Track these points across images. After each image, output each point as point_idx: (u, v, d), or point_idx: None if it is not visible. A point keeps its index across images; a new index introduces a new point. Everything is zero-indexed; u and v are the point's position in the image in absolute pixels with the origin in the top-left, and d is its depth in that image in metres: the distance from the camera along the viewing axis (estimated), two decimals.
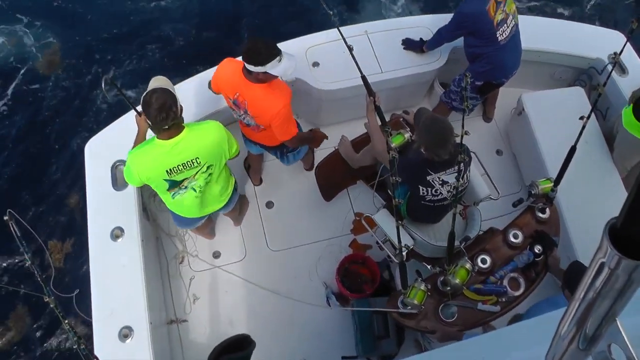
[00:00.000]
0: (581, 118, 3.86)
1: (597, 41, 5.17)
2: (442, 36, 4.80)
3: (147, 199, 4.71)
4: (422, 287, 3.68)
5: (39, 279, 2.39)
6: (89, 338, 3.97)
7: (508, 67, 4.72)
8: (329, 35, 5.02)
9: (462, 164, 3.74)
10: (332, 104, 4.72)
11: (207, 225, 4.66)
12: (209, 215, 4.30)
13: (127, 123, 4.64)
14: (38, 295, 2.42)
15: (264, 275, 4.82)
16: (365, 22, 5.33)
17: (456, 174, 3.85)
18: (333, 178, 4.95)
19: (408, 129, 4.36)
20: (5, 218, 2.53)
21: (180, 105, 3.55)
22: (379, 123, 4.18)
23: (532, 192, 4.09)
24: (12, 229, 2.50)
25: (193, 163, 3.68)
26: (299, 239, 5.00)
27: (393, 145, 4.18)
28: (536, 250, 4.01)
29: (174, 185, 3.78)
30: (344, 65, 4.77)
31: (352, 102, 4.67)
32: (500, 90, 5.37)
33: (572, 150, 3.90)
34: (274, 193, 5.21)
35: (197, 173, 3.75)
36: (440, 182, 3.88)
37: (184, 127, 3.61)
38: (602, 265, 1.11)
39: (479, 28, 4.49)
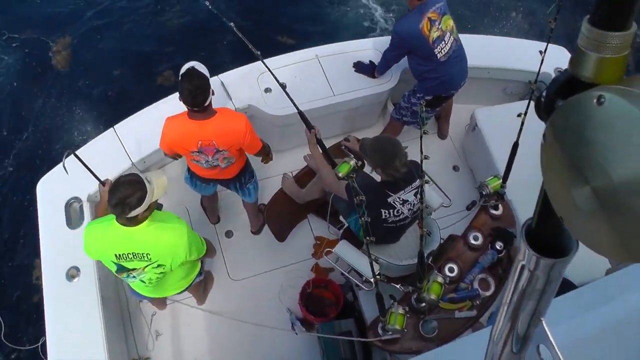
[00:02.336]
0: (519, 115, 3.96)
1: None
2: (386, 59, 4.89)
3: None
4: (400, 310, 3.67)
5: None
6: None
7: (455, 81, 4.80)
8: (279, 61, 5.05)
9: (418, 180, 3.78)
10: (285, 130, 4.73)
11: (159, 300, 4.40)
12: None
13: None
14: None
15: (226, 305, 4.74)
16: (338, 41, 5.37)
17: (415, 191, 3.88)
18: (282, 218, 4.93)
19: (352, 155, 4.38)
20: None
21: (150, 205, 3.32)
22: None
23: (484, 193, 4.18)
24: None
25: (143, 256, 3.48)
26: (260, 266, 4.95)
27: (340, 175, 4.20)
28: (498, 247, 4.13)
29: (123, 269, 3.56)
30: (295, 90, 4.81)
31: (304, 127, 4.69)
32: (454, 107, 5.46)
33: (515, 146, 4.07)
34: (233, 222, 5.17)
35: (146, 267, 3.55)
36: (401, 202, 3.89)
37: (146, 218, 3.40)
38: (522, 268, 1.12)
39: (415, 46, 4.57)
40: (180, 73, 3.80)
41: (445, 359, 2.52)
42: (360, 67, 5.09)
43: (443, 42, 4.55)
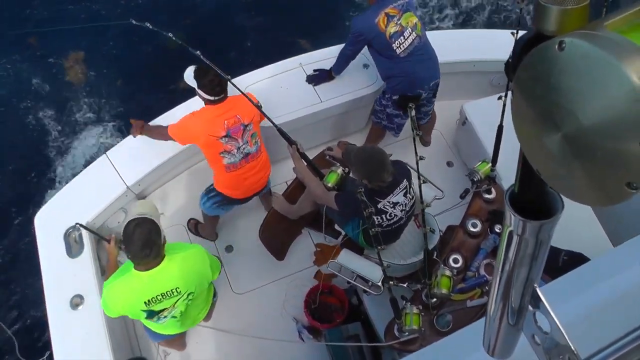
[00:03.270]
0: (499, 98, 4.02)
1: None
2: (343, 55, 4.91)
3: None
4: (415, 310, 3.68)
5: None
6: None
7: (421, 79, 4.75)
8: (264, 72, 5.08)
9: (405, 181, 3.80)
10: (275, 139, 4.72)
11: (180, 338, 4.42)
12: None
13: (75, 188, 4.63)
14: None
15: (232, 320, 4.72)
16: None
17: (403, 192, 3.89)
18: (278, 236, 4.91)
19: (338, 164, 4.41)
20: None
21: (164, 236, 3.32)
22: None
23: (475, 179, 4.23)
24: None
25: (173, 293, 3.42)
26: (263, 278, 4.94)
27: (329, 185, 4.24)
28: (497, 230, 4.19)
29: (152, 315, 3.50)
30: (282, 100, 4.86)
31: (298, 134, 4.69)
32: (443, 103, 5.46)
33: (500, 128, 4.12)
34: (232, 237, 5.16)
35: (177, 302, 3.49)
36: (391, 205, 3.89)
37: (164, 256, 3.35)
38: (510, 234, 1.12)
39: (371, 40, 4.60)
40: (191, 75, 4.03)
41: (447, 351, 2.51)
42: (315, 78, 5.11)
43: (402, 38, 4.55)
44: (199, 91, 4.08)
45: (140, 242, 3.13)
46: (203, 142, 4.16)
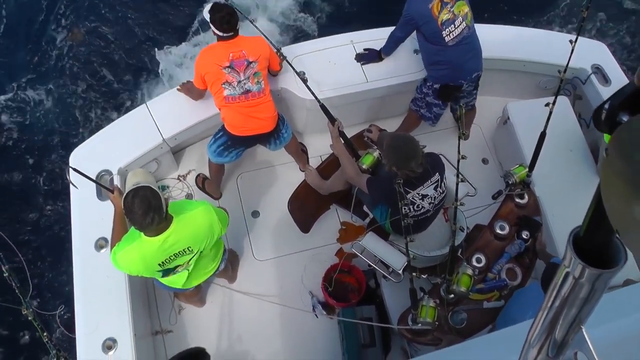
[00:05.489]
0: (547, 105, 4.00)
1: (580, 51, 5.21)
2: (394, 37, 4.88)
3: None
4: (431, 303, 3.71)
5: (17, 292, 2.36)
6: (71, 351, 3.94)
7: (465, 69, 4.71)
8: (315, 44, 5.05)
9: (437, 174, 3.78)
10: (317, 113, 4.73)
11: (195, 293, 4.49)
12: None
13: (111, 133, 4.68)
14: (16, 308, 2.39)
15: (249, 284, 4.80)
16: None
17: (434, 185, 3.88)
18: (306, 209, 4.95)
19: (375, 147, 4.40)
20: None
21: (165, 199, 3.28)
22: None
23: (509, 182, 4.23)
24: None
25: (185, 252, 3.50)
26: (285, 248, 4.98)
27: (364, 167, 4.25)
28: (524, 236, 4.16)
29: (168, 272, 3.61)
30: (328, 75, 4.83)
31: (337, 111, 4.68)
32: (486, 99, 5.40)
33: (542, 135, 4.14)
34: (260, 202, 5.20)
35: (190, 259, 3.59)
36: (420, 197, 3.90)
37: (172, 218, 3.37)
38: (567, 275, 1.12)
39: (423, 26, 4.54)
40: (207, 10, 4.27)
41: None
42: (366, 58, 5.07)
43: (452, 26, 4.50)
44: (211, 25, 4.30)
45: (141, 210, 3.12)
46: (209, 69, 4.34)
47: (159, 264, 3.47)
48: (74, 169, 3.88)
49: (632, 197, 0.84)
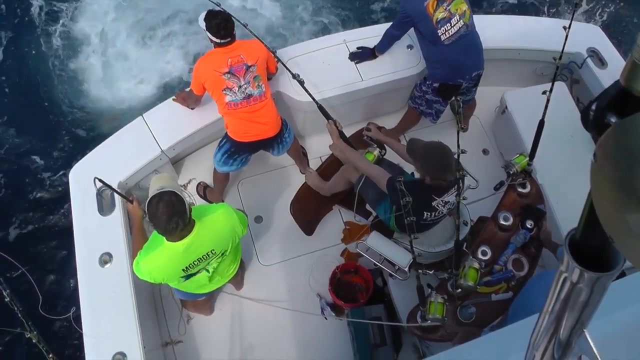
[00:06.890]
0: (544, 93, 4.00)
1: (575, 36, 5.18)
2: (389, 35, 4.86)
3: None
4: (440, 299, 3.68)
5: (20, 316, 2.36)
6: None
7: (464, 68, 4.67)
8: (308, 46, 5.03)
9: (461, 180, 3.77)
10: (314, 115, 4.72)
11: (207, 301, 4.50)
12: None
13: (109, 147, 4.67)
14: (20, 332, 2.39)
15: (256, 290, 4.79)
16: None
17: (456, 192, 3.86)
18: (309, 211, 4.93)
19: (375, 145, 4.39)
20: None
21: (189, 203, 3.26)
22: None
23: (511, 172, 4.22)
24: None
25: (209, 255, 3.51)
26: (290, 252, 4.97)
27: None
28: (528, 226, 4.14)
29: (190, 276, 3.61)
30: (323, 75, 4.82)
31: (334, 111, 4.67)
32: (484, 89, 5.35)
33: (541, 124, 4.14)
34: (262, 207, 5.18)
35: (212, 260, 3.61)
36: (443, 204, 3.91)
37: (194, 223, 3.35)
38: (565, 279, 1.10)
39: (419, 23, 4.52)
40: (202, 18, 4.24)
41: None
42: (358, 56, 5.04)
43: (449, 24, 4.46)
44: (207, 33, 4.27)
45: (166, 215, 3.10)
46: (209, 77, 4.32)
47: (183, 269, 3.48)
48: (100, 180, 4.00)
49: (623, 204, 0.82)
